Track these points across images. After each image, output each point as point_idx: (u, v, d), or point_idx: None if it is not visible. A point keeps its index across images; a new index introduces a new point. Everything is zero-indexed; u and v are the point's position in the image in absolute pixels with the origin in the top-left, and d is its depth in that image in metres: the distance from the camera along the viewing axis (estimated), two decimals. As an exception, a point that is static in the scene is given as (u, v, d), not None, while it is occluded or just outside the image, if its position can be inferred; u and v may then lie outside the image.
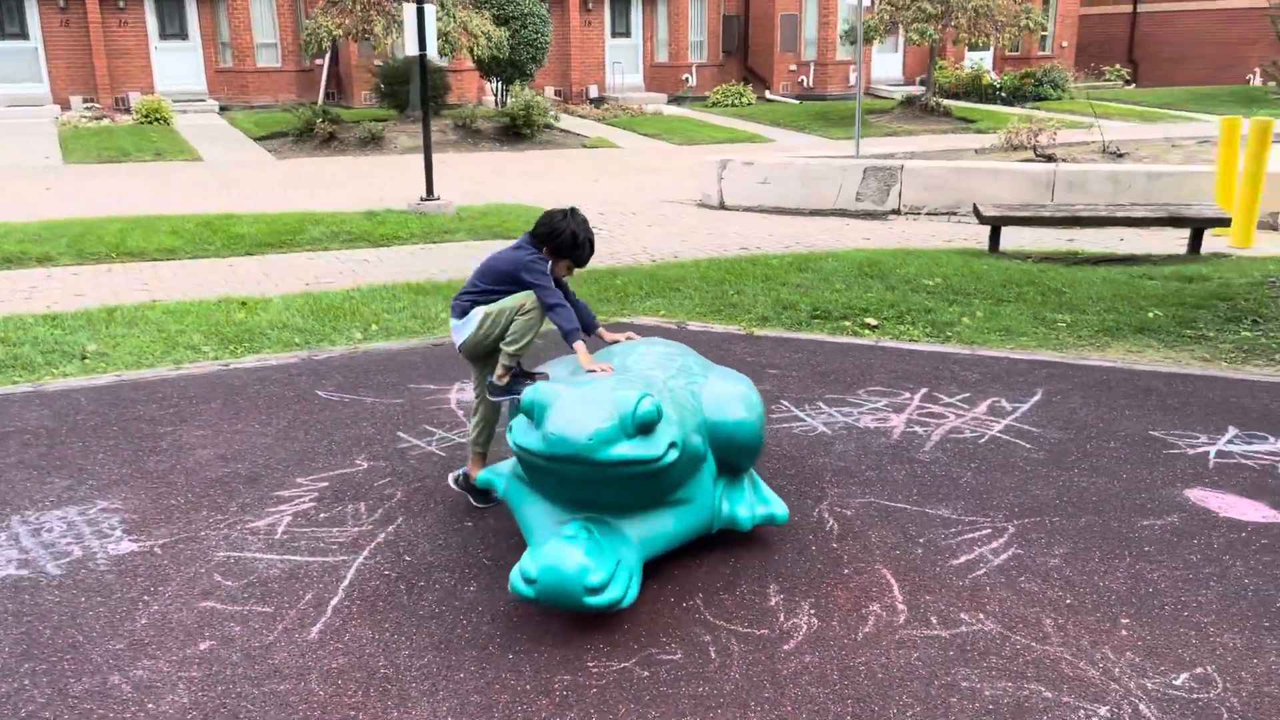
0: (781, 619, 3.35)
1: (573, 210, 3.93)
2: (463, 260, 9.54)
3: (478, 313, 3.90)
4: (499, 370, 3.88)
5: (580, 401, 3.21)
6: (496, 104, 22.90)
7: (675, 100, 27.06)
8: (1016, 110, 22.61)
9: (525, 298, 3.85)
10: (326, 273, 9.09)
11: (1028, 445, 4.78)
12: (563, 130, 21.97)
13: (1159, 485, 4.33)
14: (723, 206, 13.07)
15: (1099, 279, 8.12)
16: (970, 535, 3.90)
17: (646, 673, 3.08)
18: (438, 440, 4.93)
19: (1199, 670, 3.04)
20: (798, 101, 26.53)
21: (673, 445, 3.26)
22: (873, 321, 6.95)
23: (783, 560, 3.73)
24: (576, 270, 4.10)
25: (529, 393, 3.30)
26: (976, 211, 9.76)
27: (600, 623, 3.31)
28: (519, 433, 3.31)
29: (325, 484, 4.44)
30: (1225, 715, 2.83)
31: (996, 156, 13.76)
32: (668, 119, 23.94)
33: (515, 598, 3.27)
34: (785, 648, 3.20)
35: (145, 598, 3.54)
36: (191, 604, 3.50)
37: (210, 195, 13.54)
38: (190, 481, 4.47)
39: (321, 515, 4.15)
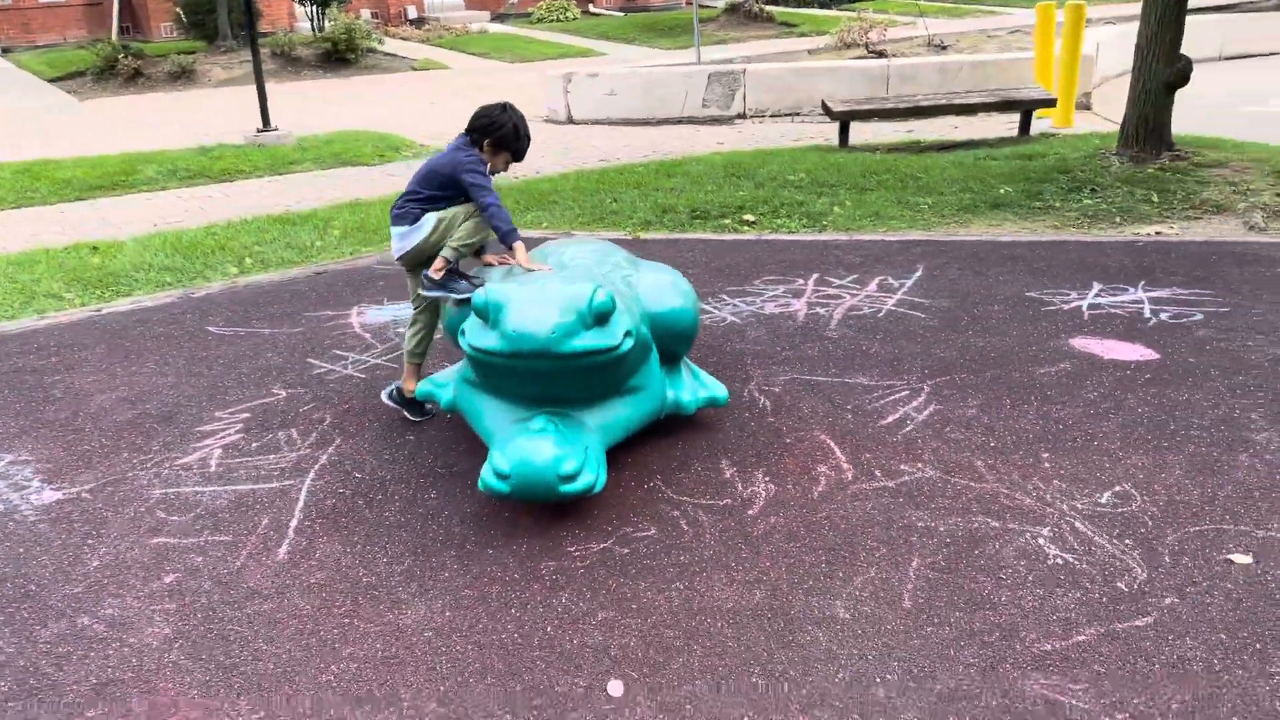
0: (740, 489, 3.52)
1: (508, 104, 3.89)
2: (316, 190, 9.24)
3: (430, 218, 3.84)
4: (437, 263, 3.84)
5: (536, 298, 3.24)
6: (313, 29, 21.83)
7: (499, 18, 26.43)
8: (834, 13, 23.16)
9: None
10: (171, 212, 8.63)
11: (922, 315, 5.09)
12: (387, 54, 21.21)
13: (1046, 338, 4.70)
14: (571, 121, 13.00)
15: (948, 163, 8.55)
16: (891, 397, 4.17)
17: (626, 550, 3.20)
18: (352, 363, 4.85)
19: (1118, 489, 3.38)
20: (622, 14, 26.35)
21: (628, 334, 3.34)
22: (750, 218, 7.15)
23: (726, 437, 3.90)
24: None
25: (481, 294, 3.30)
26: (826, 108, 10.06)
27: (569, 511, 3.41)
28: (474, 335, 3.32)
29: (247, 415, 4.33)
30: (1149, 523, 3.18)
31: (830, 56, 14.13)
32: (494, 37, 23.41)
33: (487, 495, 3.32)
34: (750, 513, 3.37)
35: (89, 542, 3.41)
36: (141, 542, 3.40)
37: (15, 142, 12.54)
38: (99, 426, 4.27)
39: (253, 445, 4.06)
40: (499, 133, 3.82)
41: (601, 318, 3.26)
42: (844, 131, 9.95)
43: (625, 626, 2.84)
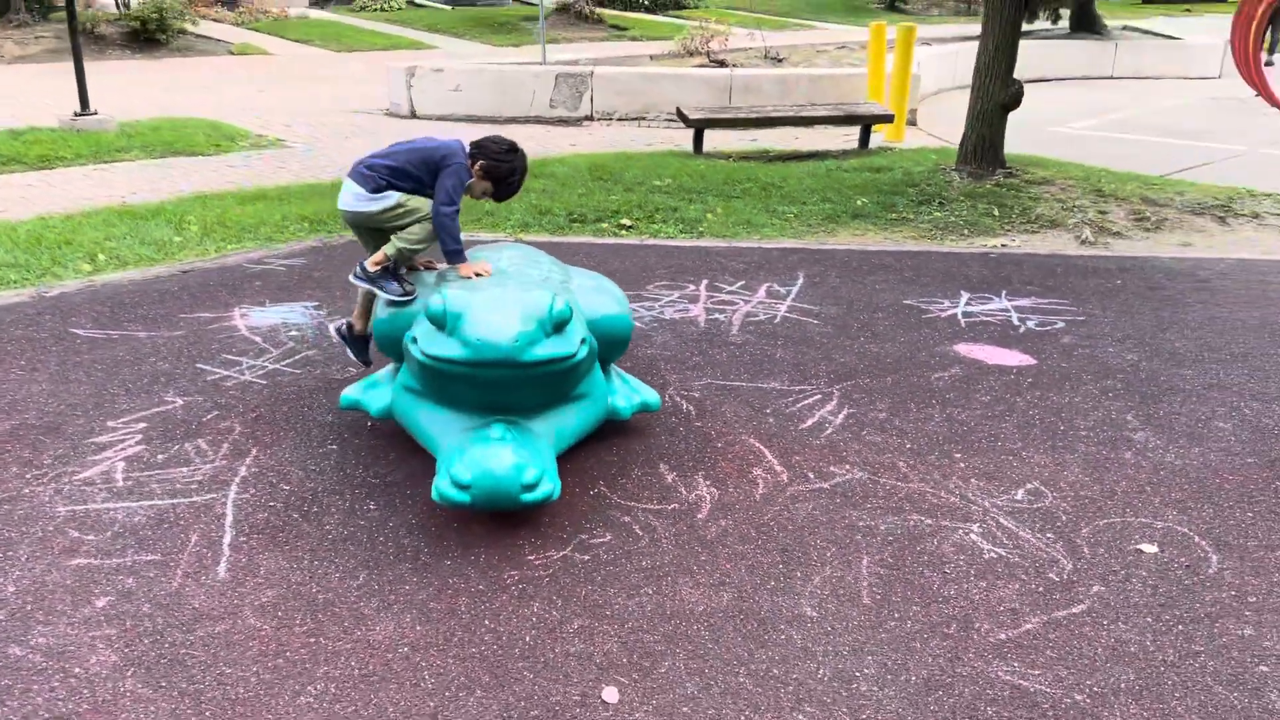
0: (684, 493, 3.61)
1: (519, 148, 3.87)
2: (150, 181, 8.70)
3: (392, 196, 3.71)
4: (377, 257, 3.75)
5: (496, 306, 3.23)
6: (117, 6, 20.43)
7: (319, 4, 25.48)
8: (663, 19, 23.61)
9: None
10: (-11, 201, 7.93)
11: (814, 321, 5.32)
12: (200, 36, 20.12)
13: (932, 344, 5.02)
14: (414, 115, 12.74)
15: (803, 174, 8.92)
16: (806, 402, 4.35)
17: (587, 557, 3.23)
18: (249, 369, 4.64)
19: (1029, 486, 3.68)
20: (450, 7, 25.92)
21: (583, 341, 3.37)
22: (627, 222, 7.25)
23: (659, 442, 3.98)
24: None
25: (438, 302, 3.26)
26: (682, 115, 10.28)
27: (520, 520, 3.40)
28: (429, 342, 3.27)
29: (144, 424, 4.08)
30: (1063, 517, 3.47)
31: (672, 62, 14.41)
32: (317, 24, 22.59)
33: (444, 506, 3.27)
34: (699, 517, 3.47)
35: (-2, 566, 3.15)
36: (59, 564, 3.16)
37: None
38: (-25, 439, 3.93)
39: (159, 457, 3.83)
40: (498, 165, 3.79)
41: (560, 325, 3.28)
42: (698, 138, 10.20)
43: (604, 633, 2.88)
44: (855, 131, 11.18)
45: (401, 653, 2.79)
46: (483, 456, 3.19)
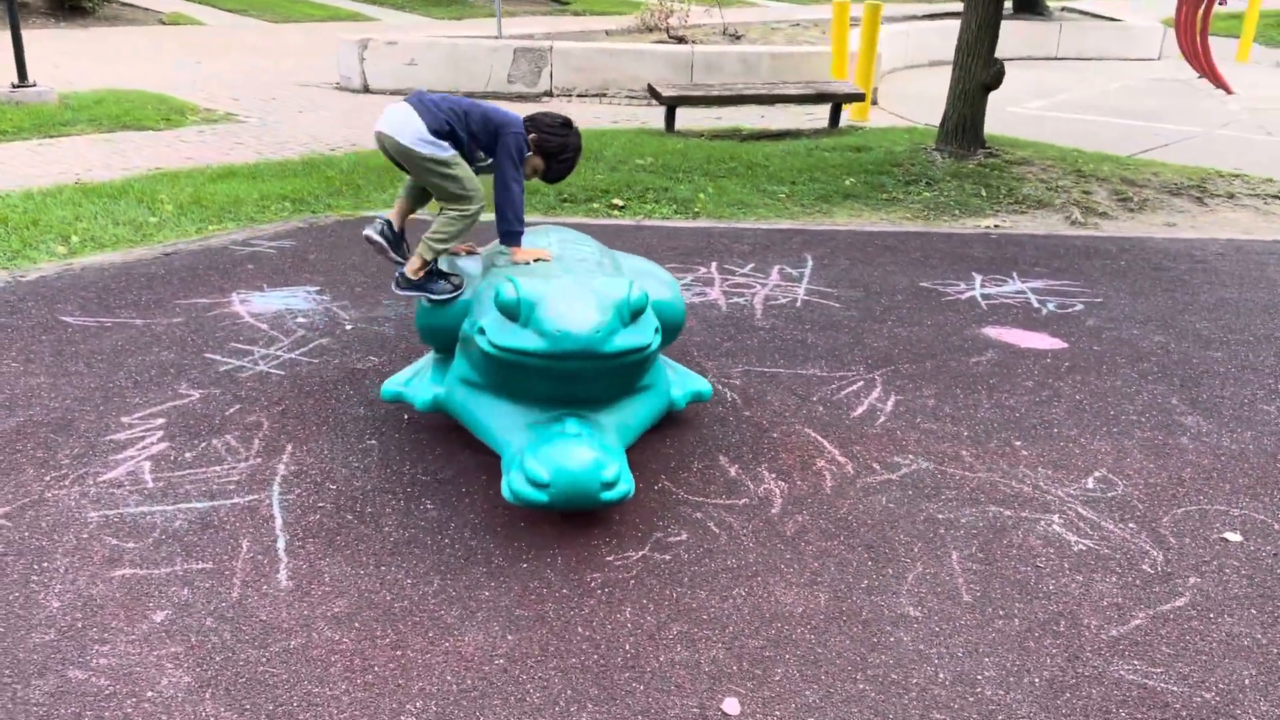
0: (752, 487, 3.48)
1: (574, 125, 3.65)
2: (104, 157, 8.26)
3: (449, 150, 3.44)
4: (416, 263, 3.54)
5: (572, 295, 3.05)
6: (37, -29, 19.40)
7: (248, -27, 24.54)
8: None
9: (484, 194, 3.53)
10: (-69, 177, 7.44)
11: (837, 305, 5.23)
12: (128, 4, 19.27)
13: (961, 328, 4.96)
14: (366, 89, 12.32)
15: (783, 153, 8.82)
16: (850, 388, 4.26)
17: (668, 556, 3.09)
18: (261, 358, 4.38)
19: (1097, 474, 3.63)
20: (385, -22, 25.20)
21: (656, 330, 3.21)
22: (619, 202, 7.08)
23: (712, 434, 3.84)
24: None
25: (510, 291, 3.07)
26: (654, 92, 10.10)
27: (589, 519, 3.24)
28: (499, 333, 3.08)
29: (163, 420, 3.81)
30: (1139, 507, 3.43)
31: (628, 38, 14.18)
32: (249, -7, 21.76)
33: (518, 505, 3.08)
34: (773, 512, 3.34)
35: (35, 578, 2.89)
36: (103, 575, 2.92)
37: None
38: (-21, 438, 3.63)
39: (187, 455, 3.58)
40: (552, 140, 3.58)
41: (636, 314, 3.12)
42: (670, 116, 10.03)
43: (706, 639, 2.74)
44: (819, 110, 11.14)
45: (498, 665, 2.63)
46: (560, 454, 3.02)
